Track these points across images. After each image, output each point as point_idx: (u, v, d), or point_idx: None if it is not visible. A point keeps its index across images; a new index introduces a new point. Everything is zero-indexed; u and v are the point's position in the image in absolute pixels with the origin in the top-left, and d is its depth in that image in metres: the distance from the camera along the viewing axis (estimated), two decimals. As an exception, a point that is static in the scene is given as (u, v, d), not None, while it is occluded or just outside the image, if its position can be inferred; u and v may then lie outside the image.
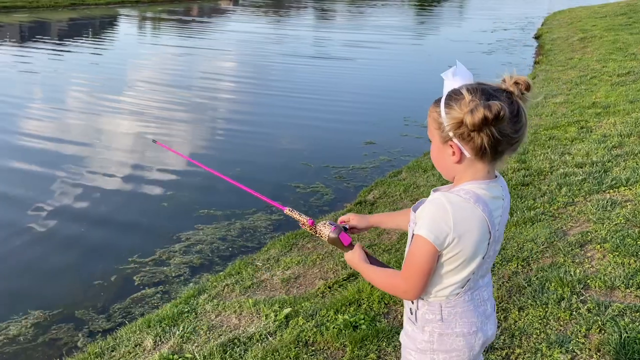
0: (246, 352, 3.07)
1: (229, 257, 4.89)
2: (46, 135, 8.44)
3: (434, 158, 1.58)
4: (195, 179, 6.85)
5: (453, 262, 1.51)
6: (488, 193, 1.51)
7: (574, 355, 2.58)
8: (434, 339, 1.60)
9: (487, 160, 1.48)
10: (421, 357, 1.64)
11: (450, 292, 1.56)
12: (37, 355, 3.75)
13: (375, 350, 2.88)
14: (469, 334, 1.60)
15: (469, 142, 1.44)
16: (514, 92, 1.47)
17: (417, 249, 1.51)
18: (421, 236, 1.48)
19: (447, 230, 1.46)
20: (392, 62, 15.26)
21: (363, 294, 3.45)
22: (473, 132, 1.42)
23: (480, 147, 1.44)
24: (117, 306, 4.23)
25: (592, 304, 2.91)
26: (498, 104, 1.39)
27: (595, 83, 9.29)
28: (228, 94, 11.52)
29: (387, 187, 5.90)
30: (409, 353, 1.68)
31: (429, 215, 1.49)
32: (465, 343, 1.60)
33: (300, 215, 1.87)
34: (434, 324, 1.60)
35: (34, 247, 5.17)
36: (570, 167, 5.18)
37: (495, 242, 1.56)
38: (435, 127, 1.50)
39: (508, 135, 1.44)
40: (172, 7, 31.30)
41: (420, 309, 1.61)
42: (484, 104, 1.39)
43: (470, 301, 1.59)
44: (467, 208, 1.47)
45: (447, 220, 1.45)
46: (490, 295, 1.67)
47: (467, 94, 1.42)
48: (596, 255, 3.43)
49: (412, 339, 1.66)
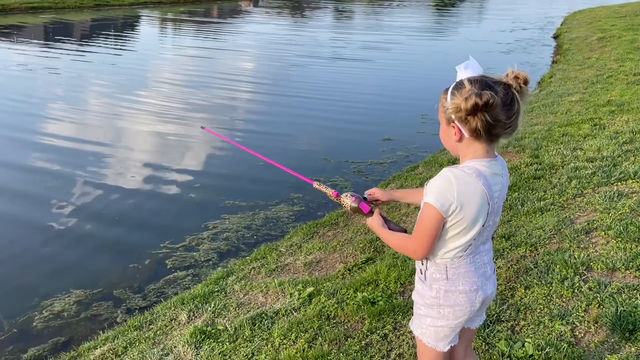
0: (273, 324, 3.36)
1: (254, 244, 5.19)
2: (89, 137, 8.86)
3: (442, 137, 1.85)
4: (221, 171, 7.19)
5: (456, 228, 1.77)
6: (489, 170, 1.77)
7: (574, 327, 2.82)
8: (440, 295, 1.86)
9: (483, 141, 1.75)
10: (429, 311, 1.90)
11: (454, 254, 1.82)
12: (80, 329, 4.08)
13: (391, 322, 3.15)
14: (471, 291, 1.85)
15: (467, 124, 1.71)
16: (512, 84, 1.72)
17: (426, 215, 1.77)
18: (429, 204, 1.75)
19: (451, 200, 1.72)
20: (410, 62, 15.45)
21: (380, 275, 3.72)
22: (469, 116, 1.69)
23: (475, 128, 1.70)
24: (152, 287, 4.55)
25: (594, 283, 3.14)
26: (489, 93, 1.65)
27: (612, 82, 9.42)
28: (247, 94, 11.85)
29: (404, 181, 6.15)
30: (419, 308, 1.95)
31: (436, 186, 1.75)
32: (467, 299, 1.86)
33: (327, 188, 2.14)
34: (440, 282, 1.86)
35: (74, 233, 5.54)
36: (581, 161, 5.38)
37: (494, 213, 1.82)
38: (442, 111, 1.78)
39: (501, 121, 1.70)
40: (193, 7, 31.84)
41: (428, 269, 1.88)
42: (476, 93, 1.65)
43: (472, 263, 1.85)
44: (470, 181, 1.73)
45: (452, 190, 1.72)
46: (491, 260, 1.93)
47: (468, 84, 1.69)
48: (600, 241, 3.66)
49: (421, 296, 1.93)
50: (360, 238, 4.60)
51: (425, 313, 1.92)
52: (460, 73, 1.76)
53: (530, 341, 2.73)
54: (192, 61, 15.56)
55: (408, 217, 4.89)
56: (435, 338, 1.92)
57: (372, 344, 3.00)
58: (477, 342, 2.80)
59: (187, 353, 3.20)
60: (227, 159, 7.80)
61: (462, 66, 1.77)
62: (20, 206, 6.16)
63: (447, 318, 1.87)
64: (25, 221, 5.79)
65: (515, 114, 1.71)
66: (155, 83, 12.69)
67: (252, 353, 3.08)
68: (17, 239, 5.42)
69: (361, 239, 4.56)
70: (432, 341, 1.92)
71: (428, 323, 1.91)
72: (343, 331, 3.15)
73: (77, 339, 3.94)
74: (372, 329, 3.12)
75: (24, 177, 6.92)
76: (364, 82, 12.91)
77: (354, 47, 18.20)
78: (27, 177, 6.93)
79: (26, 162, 7.48)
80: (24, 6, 26.39)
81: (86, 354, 3.57)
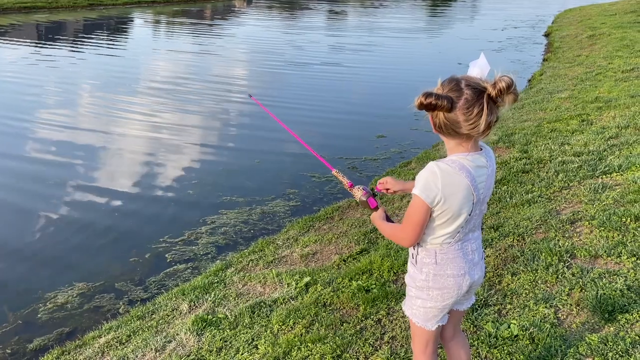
0: (272, 312, 3.51)
1: (251, 238, 5.32)
2: (82, 132, 8.96)
3: None
4: (218, 168, 7.33)
5: (443, 217, 1.90)
6: (472, 163, 1.88)
7: (557, 309, 2.98)
8: (430, 278, 2.00)
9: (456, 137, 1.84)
10: (419, 293, 2.04)
11: (442, 241, 1.95)
12: (84, 320, 4.21)
13: (385, 308, 3.30)
14: (458, 275, 1.99)
15: (432, 119, 1.86)
16: (489, 91, 1.78)
17: (413, 205, 1.91)
18: (416, 195, 1.88)
19: (436, 191, 1.84)
20: (402, 60, 15.62)
21: (374, 264, 3.87)
22: (427, 112, 1.83)
23: (435, 124, 1.85)
24: (152, 279, 4.68)
25: (577, 269, 3.30)
26: (433, 95, 1.77)
27: (600, 79, 9.61)
28: (240, 95, 11.97)
29: (397, 176, 6.29)
30: (410, 290, 2.09)
31: (422, 178, 1.88)
32: (455, 282, 1.99)
33: (344, 178, 2.29)
34: (430, 266, 1.99)
35: (75, 228, 5.67)
36: (568, 155, 5.55)
37: (480, 202, 1.95)
38: None
39: (457, 122, 1.80)
40: (187, 7, 31.88)
41: (419, 254, 2.02)
42: (425, 93, 1.79)
43: (460, 250, 1.99)
44: (453, 174, 1.86)
45: (437, 182, 1.84)
46: (479, 247, 2.07)
47: (439, 84, 1.83)
48: (584, 230, 3.82)
49: (412, 278, 2.07)
50: (355, 231, 4.75)
51: (415, 295, 2.05)
52: (470, 69, 1.86)
53: (516, 323, 2.89)
54: (183, 63, 15.65)
55: (401, 211, 5.04)
56: (425, 318, 2.06)
57: (366, 328, 3.15)
58: (466, 325, 2.95)
59: (189, 339, 3.34)
60: (223, 156, 7.93)
61: (473, 62, 1.86)
62: (22, 201, 6.27)
63: (436, 300, 2.01)
64: (26, 216, 5.90)
65: (475, 117, 1.78)
66: (149, 82, 12.78)
67: (252, 338, 3.22)
68: (19, 234, 5.54)
69: (356, 232, 4.71)
70: (421, 321, 2.07)
71: (418, 304, 2.05)
72: (339, 317, 3.30)
73: (81, 329, 4.07)
74: (366, 315, 3.27)
75: (23, 173, 7.03)
76: (357, 80, 13.05)
77: (347, 47, 18.34)
78: (26, 172, 7.04)
79: (28, 155, 7.59)
80: (17, 6, 26.37)
81: (91, 342, 3.70)
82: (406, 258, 3.84)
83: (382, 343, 2.99)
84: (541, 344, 2.71)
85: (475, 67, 1.85)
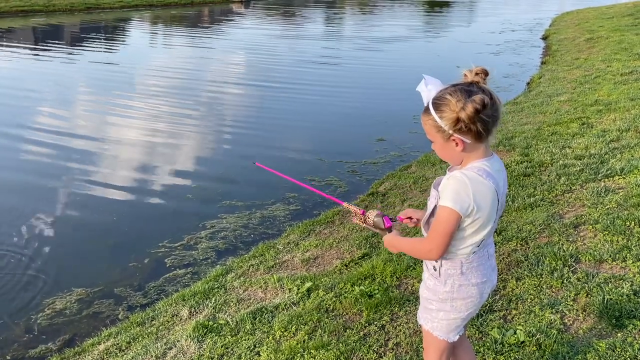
0: (273, 318, 3.46)
1: (251, 242, 5.28)
2: (74, 136, 8.91)
3: (440, 154, 1.90)
4: (217, 172, 7.29)
5: (473, 226, 1.84)
6: (492, 167, 1.84)
7: (563, 315, 2.95)
8: (454, 289, 1.95)
9: (483, 141, 1.82)
10: (441, 305, 1.99)
11: (470, 250, 1.90)
12: (83, 326, 4.16)
13: (388, 314, 3.26)
14: (482, 283, 1.95)
15: (468, 132, 1.77)
16: (479, 81, 1.78)
17: (443, 217, 1.81)
18: (447, 207, 1.79)
19: (469, 201, 1.78)
20: (401, 64, 15.59)
21: (377, 269, 3.83)
22: (470, 124, 1.75)
23: (478, 132, 1.77)
24: (152, 284, 4.64)
25: (582, 274, 3.27)
26: (480, 95, 1.72)
27: (599, 82, 9.61)
28: (238, 98, 11.94)
29: (397, 180, 6.27)
30: (430, 303, 2.02)
31: (452, 189, 1.79)
32: (478, 290, 1.95)
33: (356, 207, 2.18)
34: (455, 277, 1.94)
35: (73, 233, 5.62)
36: (569, 159, 5.53)
37: (501, 207, 1.91)
38: (436, 131, 1.81)
39: (493, 116, 1.77)
40: (185, 10, 31.87)
41: (443, 266, 1.95)
42: (470, 100, 1.72)
43: (482, 257, 1.95)
44: (482, 182, 1.80)
45: (468, 192, 1.77)
46: (494, 251, 2.04)
47: (451, 97, 1.76)
48: (588, 234, 3.80)
49: (433, 292, 1.99)
50: (356, 235, 4.72)
51: (437, 307, 1.99)
52: (425, 93, 1.82)
53: (522, 329, 2.85)
54: (180, 65, 15.62)
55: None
56: (447, 330, 2.00)
57: (370, 334, 3.11)
58: (471, 331, 2.92)
59: (190, 346, 3.29)
60: (222, 160, 7.89)
61: (422, 86, 1.83)
62: (19, 207, 6.21)
63: (460, 310, 1.96)
64: (24, 221, 5.84)
65: (499, 105, 1.78)
66: (146, 86, 12.74)
67: (254, 345, 3.18)
68: (16, 239, 5.48)
69: (357, 236, 4.67)
70: (444, 333, 2.01)
71: (440, 317, 1.99)
72: (342, 323, 3.26)
73: (81, 335, 4.02)
74: (369, 321, 3.23)
75: (20, 178, 6.97)
76: (356, 84, 13.02)
77: (345, 49, 18.34)
78: (23, 177, 6.99)
79: (25, 159, 7.54)
80: (15, 9, 26.31)
81: (90, 349, 3.65)
82: (408, 263, 3.82)
83: (387, 350, 2.95)
84: (548, 351, 2.67)
85: (429, 87, 1.82)
